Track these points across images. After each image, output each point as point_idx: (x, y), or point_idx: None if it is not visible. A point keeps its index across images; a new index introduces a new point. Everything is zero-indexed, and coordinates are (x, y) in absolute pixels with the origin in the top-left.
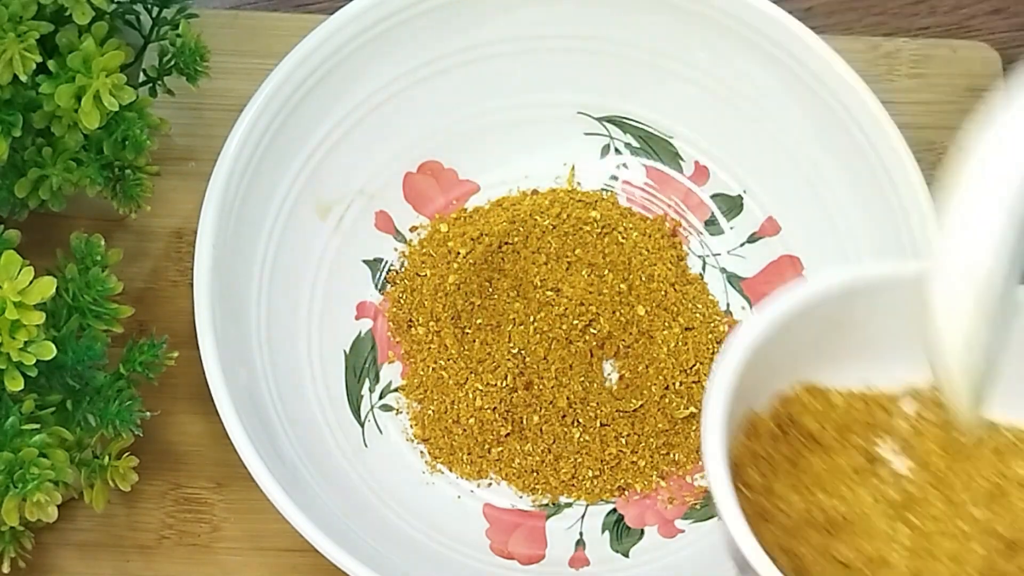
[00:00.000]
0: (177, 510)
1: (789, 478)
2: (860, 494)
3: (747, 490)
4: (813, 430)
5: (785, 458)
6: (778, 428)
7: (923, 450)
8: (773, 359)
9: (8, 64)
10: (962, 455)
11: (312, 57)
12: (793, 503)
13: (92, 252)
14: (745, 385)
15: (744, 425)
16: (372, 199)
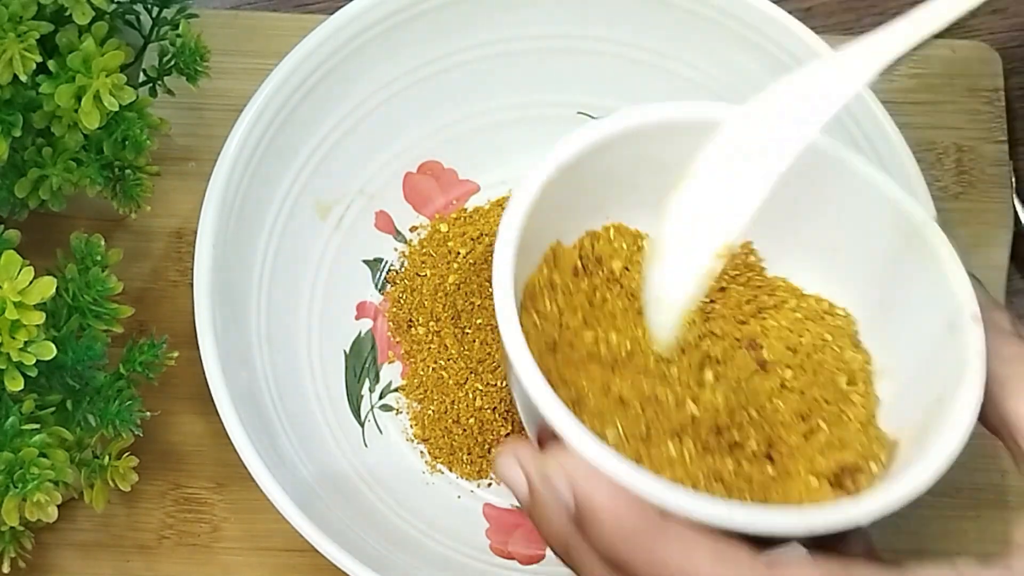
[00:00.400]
0: (177, 510)
1: (584, 312)
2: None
3: (539, 317)
4: (616, 269)
5: (584, 293)
6: (582, 264)
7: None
8: (575, 196)
9: (8, 64)
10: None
11: (312, 57)
12: (582, 336)
13: (92, 252)
14: (543, 221)
15: (548, 255)
16: (372, 199)
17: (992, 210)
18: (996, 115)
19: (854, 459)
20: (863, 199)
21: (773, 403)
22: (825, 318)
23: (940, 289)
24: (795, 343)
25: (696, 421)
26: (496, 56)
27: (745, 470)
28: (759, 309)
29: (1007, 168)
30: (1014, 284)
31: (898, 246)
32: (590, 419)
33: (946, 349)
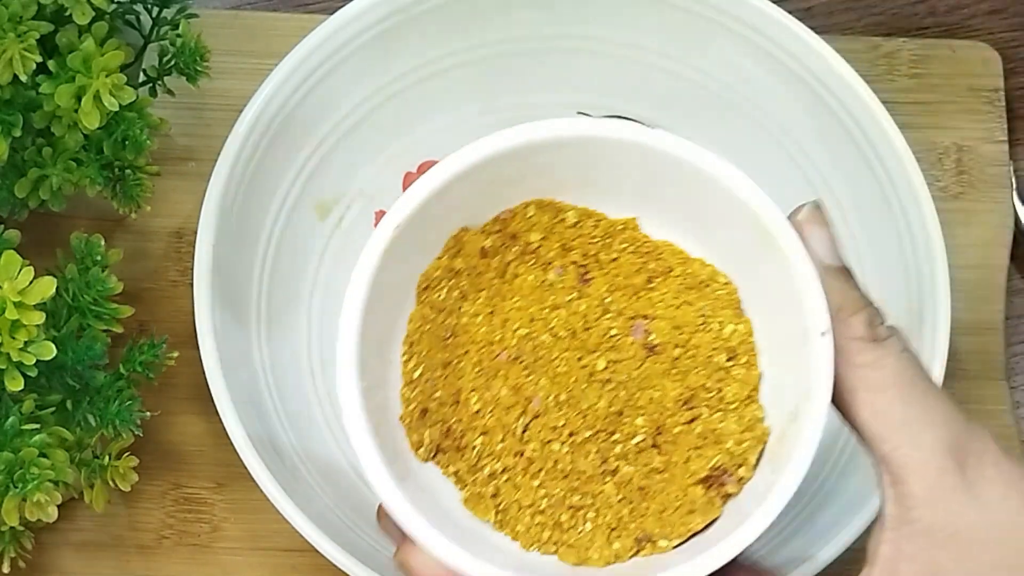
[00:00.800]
0: (177, 510)
1: (491, 292)
2: (551, 318)
3: (432, 309)
4: (533, 240)
5: (495, 271)
6: (492, 244)
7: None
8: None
9: (8, 64)
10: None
11: (312, 57)
12: (477, 325)
13: (92, 252)
14: (442, 212)
15: (450, 243)
16: (372, 199)
17: (992, 210)
18: (996, 115)
19: (724, 461)
20: (725, 202)
21: (662, 389)
22: (709, 285)
23: (794, 299)
24: (680, 321)
25: (583, 418)
26: (496, 56)
27: (633, 463)
28: (648, 278)
29: (1007, 168)
30: (1014, 284)
31: (757, 245)
32: (468, 419)
33: (802, 355)
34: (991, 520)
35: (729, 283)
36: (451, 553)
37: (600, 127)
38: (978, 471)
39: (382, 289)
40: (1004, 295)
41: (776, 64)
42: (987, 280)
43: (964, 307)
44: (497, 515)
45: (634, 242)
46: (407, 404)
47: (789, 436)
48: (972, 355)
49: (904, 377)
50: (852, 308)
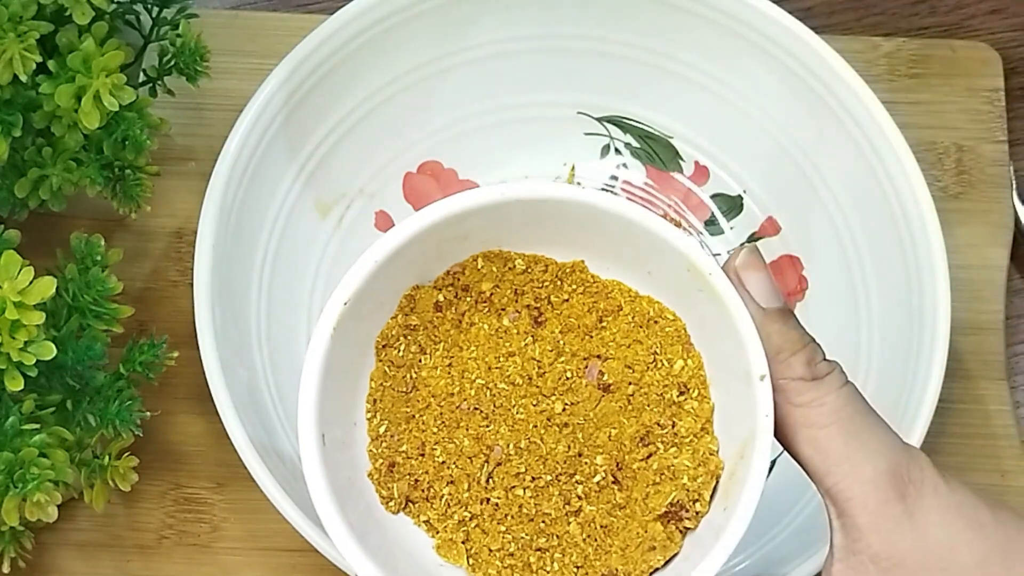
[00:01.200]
0: (177, 510)
1: (448, 343)
2: (507, 366)
3: (392, 367)
4: (485, 289)
5: (450, 322)
6: (445, 298)
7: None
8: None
9: (8, 64)
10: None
11: (312, 57)
12: (436, 379)
13: (92, 252)
14: (391, 276)
15: (403, 302)
16: (372, 199)
17: (992, 210)
18: (996, 115)
19: (681, 497)
20: (664, 252)
21: (619, 426)
22: (657, 322)
23: (734, 342)
24: (632, 360)
25: (544, 463)
26: (496, 56)
27: (594, 502)
28: (599, 317)
29: (1007, 168)
30: (1014, 284)
31: (697, 288)
32: (434, 470)
33: (745, 396)
34: (930, 546)
35: (676, 319)
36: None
37: (537, 190)
38: (917, 500)
39: (341, 354)
40: (1004, 295)
41: (776, 64)
42: (987, 280)
43: (964, 307)
44: (469, 560)
45: (583, 283)
46: (374, 460)
47: (738, 474)
48: (972, 355)
49: (843, 413)
50: (791, 349)
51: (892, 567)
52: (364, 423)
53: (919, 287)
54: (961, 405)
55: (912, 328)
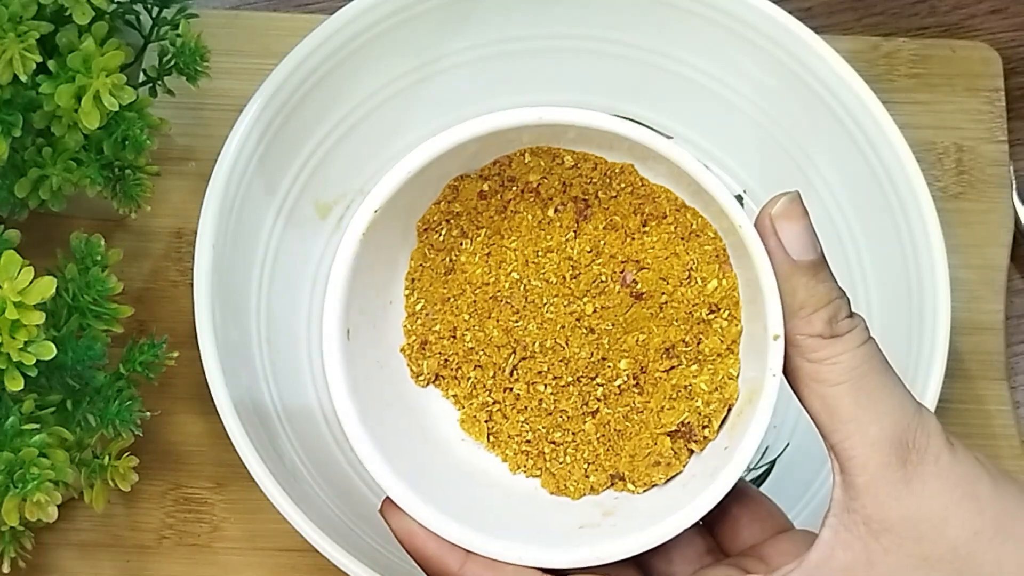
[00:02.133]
0: (177, 510)
1: (490, 231)
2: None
3: (432, 249)
4: (532, 180)
5: (495, 208)
6: (491, 188)
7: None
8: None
9: (8, 64)
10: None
11: (312, 57)
12: (476, 264)
13: (92, 252)
14: (441, 162)
15: (447, 191)
16: None
17: (992, 210)
18: (996, 115)
19: (692, 420)
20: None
21: (647, 332)
22: (699, 236)
23: (757, 297)
24: (667, 272)
25: (566, 365)
26: (496, 56)
27: (612, 405)
28: (643, 221)
29: (1007, 168)
30: (1014, 284)
31: (729, 240)
32: (463, 353)
33: (761, 349)
34: (922, 515)
35: (718, 238)
36: (399, 493)
37: (593, 119)
38: (918, 467)
39: (373, 250)
40: (1004, 295)
41: (776, 64)
42: (987, 280)
43: (964, 307)
44: (489, 438)
45: (632, 184)
46: (408, 336)
47: (745, 415)
48: (972, 355)
49: (857, 372)
50: (815, 305)
51: (882, 531)
52: (401, 299)
53: (919, 287)
54: (961, 405)
55: (912, 328)
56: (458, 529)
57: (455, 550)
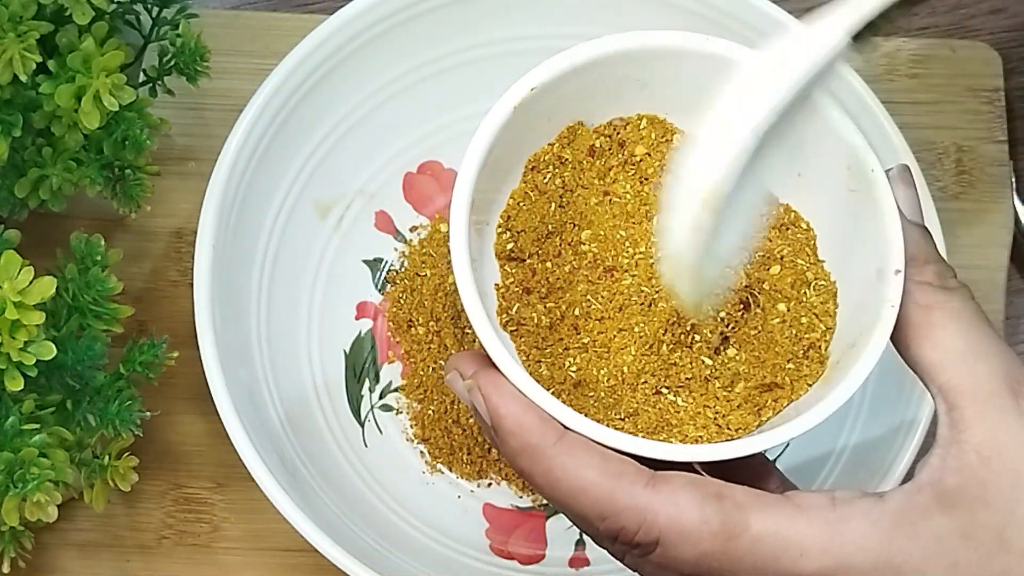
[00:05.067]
0: (177, 510)
1: (590, 191)
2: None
3: (536, 192)
4: (637, 153)
5: (597, 171)
6: (601, 145)
7: None
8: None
9: (8, 64)
10: None
11: (312, 57)
12: (569, 219)
13: (92, 252)
14: (563, 100)
15: (564, 133)
16: (372, 199)
17: (992, 210)
18: (996, 115)
19: (782, 379)
20: (824, 137)
21: (735, 299)
22: (790, 229)
23: (876, 238)
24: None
25: (658, 313)
26: (496, 56)
27: (695, 358)
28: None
29: (1007, 168)
30: (1014, 284)
31: (850, 184)
32: (554, 295)
33: (871, 295)
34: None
35: (809, 230)
36: (522, 378)
37: (729, 49)
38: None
39: (497, 154)
40: (1004, 295)
41: None
42: (987, 280)
43: None
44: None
45: None
46: (505, 277)
47: (845, 360)
48: None
49: (964, 317)
50: (926, 258)
51: (993, 456)
52: (493, 235)
53: None
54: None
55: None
56: (561, 408)
57: (553, 425)
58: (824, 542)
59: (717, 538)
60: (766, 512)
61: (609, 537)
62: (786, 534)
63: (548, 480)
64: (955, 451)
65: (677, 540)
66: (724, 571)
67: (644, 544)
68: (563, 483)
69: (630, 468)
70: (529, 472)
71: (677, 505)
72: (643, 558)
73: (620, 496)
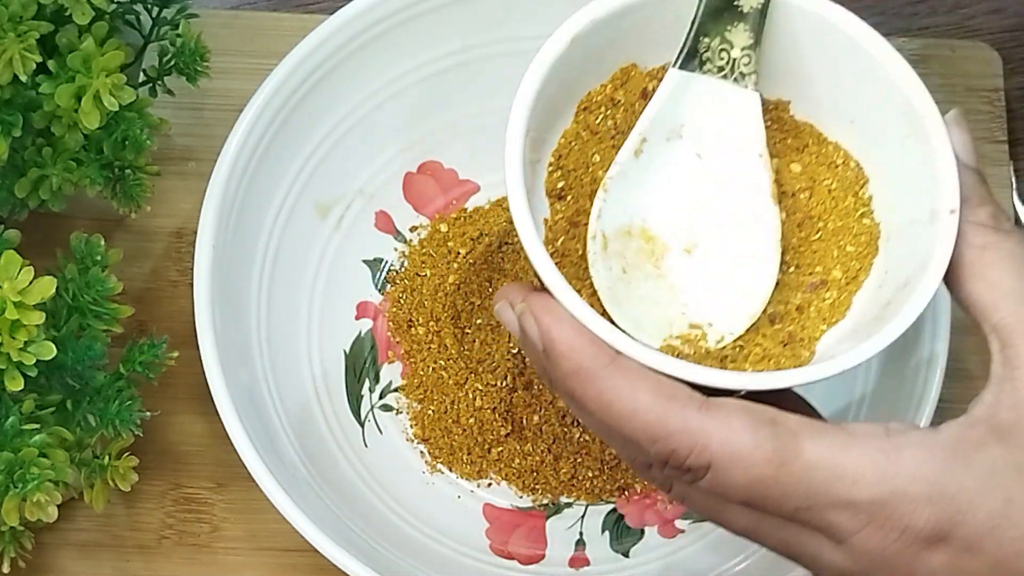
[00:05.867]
0: (177, 510)
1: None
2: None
3: (587, 131)
4: None
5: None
6: (652, 88)
7: None
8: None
9: (8, 64)
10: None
11: (312, 57)
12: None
13: (92, 252)
14: (619, 40)
15: (618, 74)
16: (372, 199)
17: None
18: (996, 115)
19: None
20: (876, 79)
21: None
22: (839, 168)
23: (931, 180)
24: (808, 187)
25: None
26: (496, 56)
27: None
28: (783, 152)
29: (1007, 168)
30: None
31: (904, 130)
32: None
33: (924, 236)
34: None
35: (860, 169)
36: (574, 301)
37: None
38: None
39: (551, 92)
40: None
41: None
42: None
43: None
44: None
45: (779, 121)
46: (553, 213)
47: (897, 299)
48: (972, 355)
49: (1018, 257)
50: (980, 200)
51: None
52: (543, 174)
53: None
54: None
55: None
56: (614, 332)
57: (605, 348)
58: (878, 471)
59: (770, 463)
60: (820, 439)
61: (659, 462)
62: (839, 461)
63: (600, 403)
64: (1009, 388)
65: (729, 464)
66: (775, 498)
67: (695, 468)
68: (615, 405)
69: (683, 392)
70: (580, 396)
71: (730, 428)
72: (692, 485)
73: (673, 419)
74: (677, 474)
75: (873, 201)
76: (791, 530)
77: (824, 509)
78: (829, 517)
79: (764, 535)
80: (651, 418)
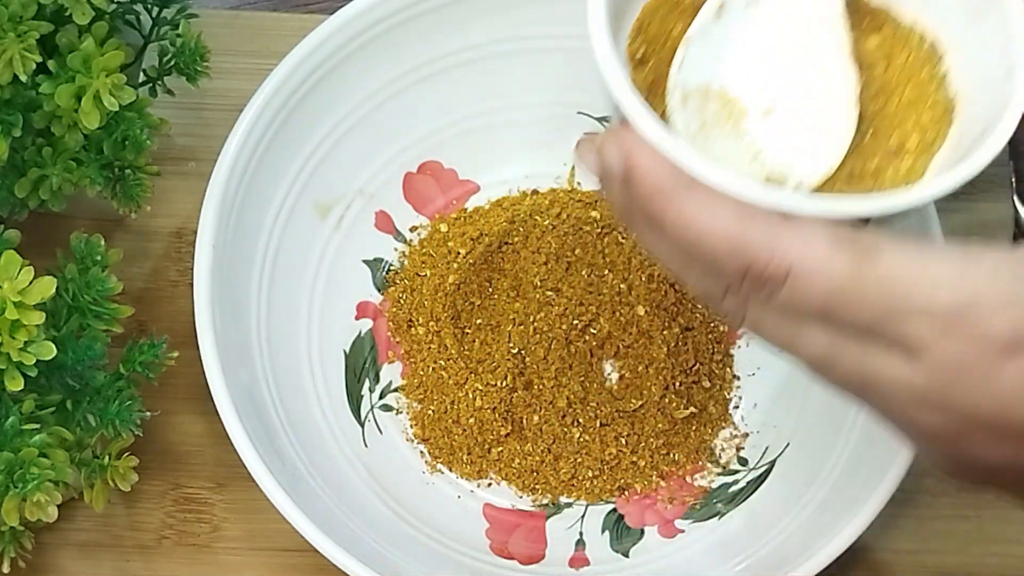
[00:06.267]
0: (177, 510)
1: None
2: None
3: (668, 3)
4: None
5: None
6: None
7: None
8: None
9: (8, 64)
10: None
11: (312, 57)
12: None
13: (92, 252)
14: None
15: None
16: (372, 199)
17: (992, 210)
18: None
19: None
20: None
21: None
22: (914, 46)
23: (1004, 38)
24: (885, 60)
25: None
26: (496, 56)
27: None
28: (859, 30)
29: (1007, 168)
30: None
31: (974, 6)
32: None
33: (1001, 91)
34: None
35: (935, 47)
36: (658, 130)
37: None
38: None
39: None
40: None
41: None
42: None
43: None
44: None
45: (855, 3)
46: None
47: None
48: None
49: None
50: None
51: None
52: (624, 46)
53: None
54: None
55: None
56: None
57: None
58: (956, 275)
59: (849, 269)
60: (899, 247)
61: (738, 276)
62: (918, 268)
63: (680, 220)
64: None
65: (808, 272)
66: (853, 306)
67: (774, 278)
68: (695, 222)
69: (763, 211)
70: (661, 217)
71: (811, 236)
72: (768, 304)
73: (753, 230)
74: (755, 288)
75: (949, 74)
76: (867, 348)
77: (902, 318)
78: (907, 328)
79: (839, 358)
80: (732, 232)
